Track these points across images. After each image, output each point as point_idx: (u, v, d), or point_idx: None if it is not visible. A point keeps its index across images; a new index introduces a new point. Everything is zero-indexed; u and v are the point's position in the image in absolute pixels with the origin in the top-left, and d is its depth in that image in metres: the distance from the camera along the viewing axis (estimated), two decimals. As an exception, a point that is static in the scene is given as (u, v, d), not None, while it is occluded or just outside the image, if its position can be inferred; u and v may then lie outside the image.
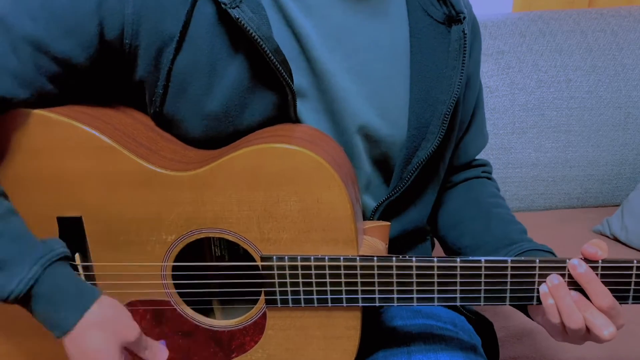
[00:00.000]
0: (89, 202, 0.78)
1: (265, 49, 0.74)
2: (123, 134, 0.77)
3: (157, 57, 0.76)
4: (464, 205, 0.97)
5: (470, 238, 0.93)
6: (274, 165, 0.74)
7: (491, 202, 0.96)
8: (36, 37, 0.72)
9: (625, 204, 1.62)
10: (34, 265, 0.71)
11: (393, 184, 0.89)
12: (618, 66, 1.73)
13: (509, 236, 0.88)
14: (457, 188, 1.00)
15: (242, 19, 0.73)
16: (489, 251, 0.88)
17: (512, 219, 0.94)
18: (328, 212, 0.75)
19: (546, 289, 0.74)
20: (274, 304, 0.79)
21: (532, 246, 0.85)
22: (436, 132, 0.86)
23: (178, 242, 0.79)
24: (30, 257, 0.71)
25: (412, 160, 0.87)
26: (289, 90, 0.78)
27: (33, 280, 0.70)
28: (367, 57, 0.84)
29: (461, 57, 0.85)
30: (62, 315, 0.72)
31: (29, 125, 0.75)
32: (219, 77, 0.77)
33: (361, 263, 0.76)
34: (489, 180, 1.03)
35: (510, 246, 0.86)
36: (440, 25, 0.86)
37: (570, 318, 0.72)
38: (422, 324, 0.94)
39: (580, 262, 0.73)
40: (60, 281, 0.73)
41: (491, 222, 0.92)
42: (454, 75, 0.85)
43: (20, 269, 0.70)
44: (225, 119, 0.79)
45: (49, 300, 0.72)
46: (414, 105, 0.86)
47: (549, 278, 0.74)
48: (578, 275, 0.73)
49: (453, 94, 0.85)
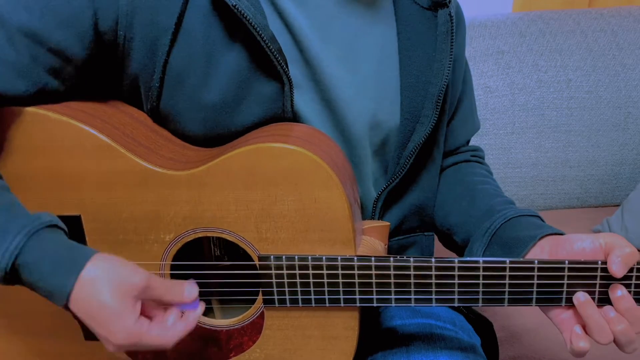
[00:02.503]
0: (88, 200, 0.78)
1: (263, 37, 0.75)
2: (122, 133, 0.77)
3: (152, 49, 0.76)
4: (450, 186, 0.97)
5: (456, 216, 0.93)
6: (271, 165, 0.74)
7: (477, 180, 0.96)
8: (31, 28, 0.73)
9: (625, 204, 1.62)
10: (17, 235, 0.67)
11: (391, 171, 0.90)
12: (618, 66, 1.73)
13: (493, 207, 0.88)
14: (445, 172, 1.00)
15: (239, 6, 0.73)
16: (474, 225, 0.88)
17: (498, 192, 0.94)
18: (326, 212, 0.75)
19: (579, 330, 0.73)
20: (271, 304, 0.79)
21: (516, 212, 0.85)
22: (430, 115, 0.87)
23: (176, 241, 0.79)
24: (13, 228, 0.68)
25: (408, 145, 0.88)
26: (286, 79, 0.78)
27: (18, 249, 0.67)
28: (357, 46, 0.85)
29: (449, 39, 0.86)
30: (57, 281, 0.67)
31: (27, 124, 0.75)
32: (215, 68, 0.78)
33: (359, 263, 0.76)
34: (480, 163, 1.03)
35: (494, 216, 0.86)
36: (426, 11, 0.88)
37: (600, 335, 0.72)
38: (421, 324, 0.94)
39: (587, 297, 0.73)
40: (47, 247, 0.68)
41: (475, 197, 0.92)
42: (444, 58, 0.86)
43: (3, 240, 0.67)
44: (222, 110, 0.79)
45: (39, 268, 0.67)
46: (405, 90, 0.88)
47: (576, 296, 0.73)
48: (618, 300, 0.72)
49: (444, 77, 0.86)
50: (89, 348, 0.85)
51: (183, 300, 0.72)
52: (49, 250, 0.68)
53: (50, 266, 0.68)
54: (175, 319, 0.71)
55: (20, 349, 0.86)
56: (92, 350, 0.85)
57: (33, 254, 0.67)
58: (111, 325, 0.67)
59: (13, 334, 0.85)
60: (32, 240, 0.68)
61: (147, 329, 0.69)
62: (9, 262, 0.66)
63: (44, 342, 0.85)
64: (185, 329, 0.71)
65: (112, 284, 0.68)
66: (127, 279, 0.68)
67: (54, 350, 0.86)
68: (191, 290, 0.72)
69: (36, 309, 0.83)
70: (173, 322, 0.70)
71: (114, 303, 0.67)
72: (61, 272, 0.67)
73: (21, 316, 0.84)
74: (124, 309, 0.67)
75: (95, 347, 0.84)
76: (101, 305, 0.67)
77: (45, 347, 0.85)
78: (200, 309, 0.73)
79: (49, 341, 0.85)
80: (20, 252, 0.67)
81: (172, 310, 0.71)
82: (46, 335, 0.85)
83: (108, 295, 0.67)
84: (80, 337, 0.84)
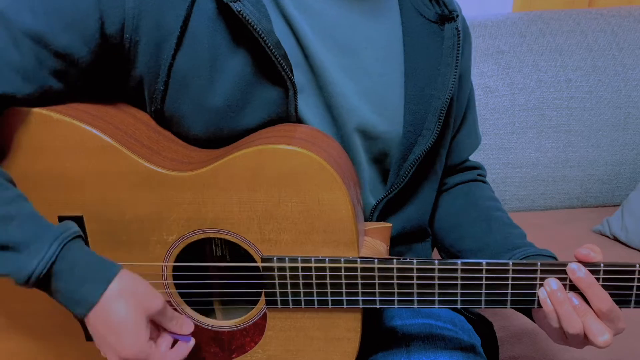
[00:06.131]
0: (90, 201, 0.78)
1: (268, 43, 0.75)
2: (125, 134, 0.77)
3: (158, 53, 0.76)
4: (463, 208, 0.98)
5: (471, 241, 0.93)
6: (274, 166, 0.74)
7: (490, 206, 0.97)
8: (37, 31, 0.72)
9: (625, 204, 1.63)
10: (53, 243, 0.70)
11: (391, 181, 0.90)
12: (618, 66, 1.73)
13: (511, 240, 0.89)
14: (454, 190, 1.01)
15: (243, 12, 0.73)
16: (491, 255, 0.88)
17: (512, 222, 0.94)
18: (329, 214, 0.75)
19: (545, 293, 0.74)
20: (274, 305, 0.79)
21: (535, 251, 0.85)
22: (432, 129, 0.87)
23: (179, 242, 0.78)
24: (47, 236, 0.70)
25: (409, 157, 0.88)
26: (291, 85, 0.78)
27: (54, 257, 0.69)
28: (362, 55, 0.85)
29: (455, 54, 0.87)
30: (85, 289, 0.71)
31: (31, 124, 0.75)
32: (219, 72, 0.78)
33: (362, 265, 0.76)
34: (484, 183, 1.04)
35: (513, 250, 0.86)
36: (432, 24, 0.88)
37: (569, 323, 0.72)
38: (421, 324, 0.94)
39: (579, 266, 0.73)
40: (79, 257, 0.72)
41: (491, 225, 0.92)
42: (449, 72, 0.87)
43: (38, 248, 0.69)
44: (226, 114, 0.79)
45: (71, 276, 0.71)
46: (409, 102, 0.88)
47: (547, 282, 0.74)
48: (577, 280, 0.73)
49: (448, 90, 0.86)
50: (90, 349, 0.84)
51: (181, 332, 0.78)
52: (80, 260, 0.72)
53: (81, 276, 0.71)
54: (168, 345, 0.77)
55: (21, 349, 0.86)
56: (93, 352, 0.85)
57: (67, 262, 0.71)
58: (126, 338, 0.72)
59: (14, 335, 0.85)
60: (66, 249, 0.71)
61: (154, 350, 0.74)
62: (44, 269, 0.69)
63: (44, 343, 0.85)
64: (180, 356, 0.77)
65: (136, 299, 0.73)
66: (148, 299, 0.74)
67: (55, 351, 0.86)
68: (189, 326, 0.79)
69: (37, 309, 0.83)
70: (166, 349, 0.77)
71: (135, 318, 0.72)
72: (91, 281, 0.71)
73: (22, 316, 0.84)
74: (141, 325, 0.73)
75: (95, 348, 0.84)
76: (122, 318, 0.71)
77: (46, 347, 0.85)
78: (192, 342, 0.79)
79: (50, 342, 0.85)
80: (56, 260, 0.70)
81: (167, 337, 0.77)
82: (47, 336, 0.85)
83: (132, 310, 0.72)
84: (81, 338, 0.84)
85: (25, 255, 0.69)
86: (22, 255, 0.69)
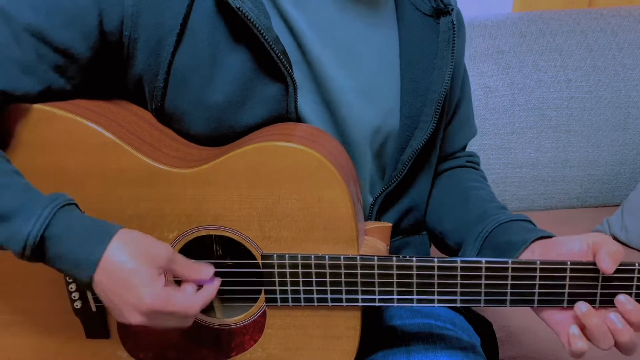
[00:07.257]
0: (92, 197, 0.78)
1: (267, 39, 0.75)
2: (126, 131, 0.77)
3: (157, 50, 0.77)
4: (445, 191, 0.98)
5: (449, 221, 0.93)
6: (275, 164, 0.74)
7: (471, 186, 0.96)
8: (37, 27, 0.73)
9: (625, 204, 1.63)
10: (46, 207, 0.69)
11: (389, 175, 0.90)
12: (618, 66, 1.73)
13: (486, 212, 0.88)
14: (440, 176, 1.01)
15: (243, 8, 0.74)
16: (467, 229, 0.88)
17: (491, 197, 0.94)
18: (329, 211, 0.75)
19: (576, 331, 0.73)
20: (274, 303, 0.79)
21: (508, 217, 0.85)
22: (429, 121, 0.87)
23: (179, 239, 0.79)
24: (40, 202, 0.69)
25: (406, 150, 0.88)
26: (290, 81, 0.79)
27: (48, 219, 0.68)
28: (358, 50, 0.85)
29: (450, 47, 0.87)
30: (85, 250, 0.69)
31: (32, 121, 0.76)
32: (219, 68, 0.78)
33: (361, 262, 0.76)
34: (475, 169, 1.03)
35: (486, 220, 0.86)
36: (428, 18, 0.89)
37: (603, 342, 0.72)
38: (421, 324, 0.94)
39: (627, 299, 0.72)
40: (75, 220, 0.71)
41: (469, 202, 0.92)
42: (444, 65, 0.87)
43: (31, 214, 0.68)
44: (226, 111, 0.80)
45: (68, 239, 0.69)
46: (405, 96, 0.88)
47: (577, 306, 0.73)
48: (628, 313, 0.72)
49: (444, 84, 0.87)
50: (90, 347, 0.85)
51: (201, 277, 0.74)
52: (76, 223, 0.70)
53: (79, 237, 0.69)
54: (194, 289, 0.73)
55: (22, 346, 0.86)
56: (93, 349, 0.85)
57: (62, 225, 0.69)
58: (141, 288, 0.69)
59: (15, 332, 0.85)
60: (60, 212, 0.69)
61: (173, 294, 0.71)
62: (38, 234, 0.68)
63: (45, 341, 0.85)
64: (209, 297, 0.74)
65: (141, 251, 0.70)
66: (153, 249, 0.71)
67: (55, 349, 0.86)
68: (210, 270, 0.75)
69: (38, 307, 0.83)
70: (192, 291, 0.73)
71: (144, 269, 0.69)
72: (90, 241, 0.69)
73: (23, 314, 0.84)
74: (152, 274, 0.69)
75: (96, 345, 0.84)
76: (131, 271, 0.69)
77: (47, 345, 0.85)
78: (217, 282, 0.75)
79: (50, 339, 0.85)
80: (49, 224, 0.68)
81: (189, 283, 0.74)
82: (47, 334, 0.85)
83: (137, 262, 0.69)
84: (81, 336, 0.84)
85: (19, 222, 0.68)
86: (16, 222, 0.68)
